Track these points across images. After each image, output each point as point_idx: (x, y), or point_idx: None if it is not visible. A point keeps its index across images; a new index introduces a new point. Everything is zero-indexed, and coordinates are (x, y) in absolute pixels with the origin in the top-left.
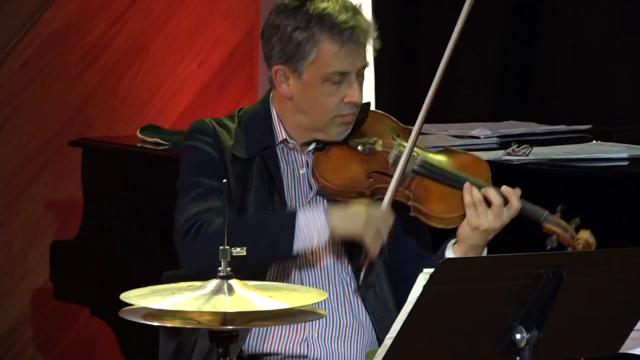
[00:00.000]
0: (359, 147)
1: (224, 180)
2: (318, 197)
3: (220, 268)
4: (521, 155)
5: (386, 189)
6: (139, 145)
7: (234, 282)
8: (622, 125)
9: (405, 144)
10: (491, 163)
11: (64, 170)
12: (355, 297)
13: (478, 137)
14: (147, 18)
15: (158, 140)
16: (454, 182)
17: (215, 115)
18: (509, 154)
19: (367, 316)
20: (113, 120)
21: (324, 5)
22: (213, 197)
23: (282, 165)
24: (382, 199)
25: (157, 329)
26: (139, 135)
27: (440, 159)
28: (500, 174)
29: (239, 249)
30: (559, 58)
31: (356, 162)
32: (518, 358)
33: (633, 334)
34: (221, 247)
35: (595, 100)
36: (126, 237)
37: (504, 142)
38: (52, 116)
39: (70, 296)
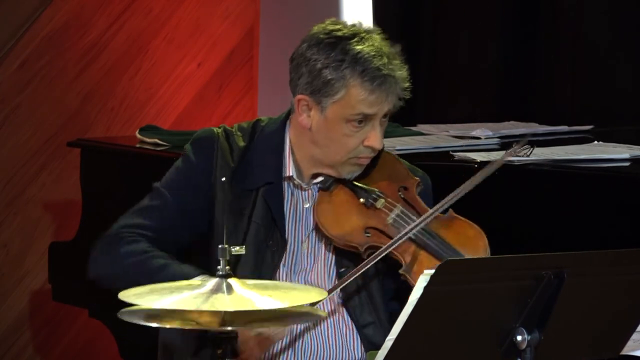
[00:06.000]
0: (361, 200)
1: (223, 179)
2: (318, 233)
3: (219, 267)
4: (522, 156)
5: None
6: (137, 145)
7: (232, 281)
8: (624, 126)
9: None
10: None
11: (62, 171)
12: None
13: (479, 138)
14: (146, 18)
15: (157, 140)
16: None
17: (215, 116)
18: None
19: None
20: (112, 121)
21: (359, 47)
22: (159, 217)
23: (286, 198)
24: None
25: (156, 331)
26: (137, 135)
27: (440, 228)
28: (502, 175)
29: (237, 248)
30: (560, 58)
31: (356, 212)
32: None
33: (634, 336)
34: (220, 246)
35: (596, 100)
36: None
37: (505, 143)
38: (50, 116)
39: (69, 298)
